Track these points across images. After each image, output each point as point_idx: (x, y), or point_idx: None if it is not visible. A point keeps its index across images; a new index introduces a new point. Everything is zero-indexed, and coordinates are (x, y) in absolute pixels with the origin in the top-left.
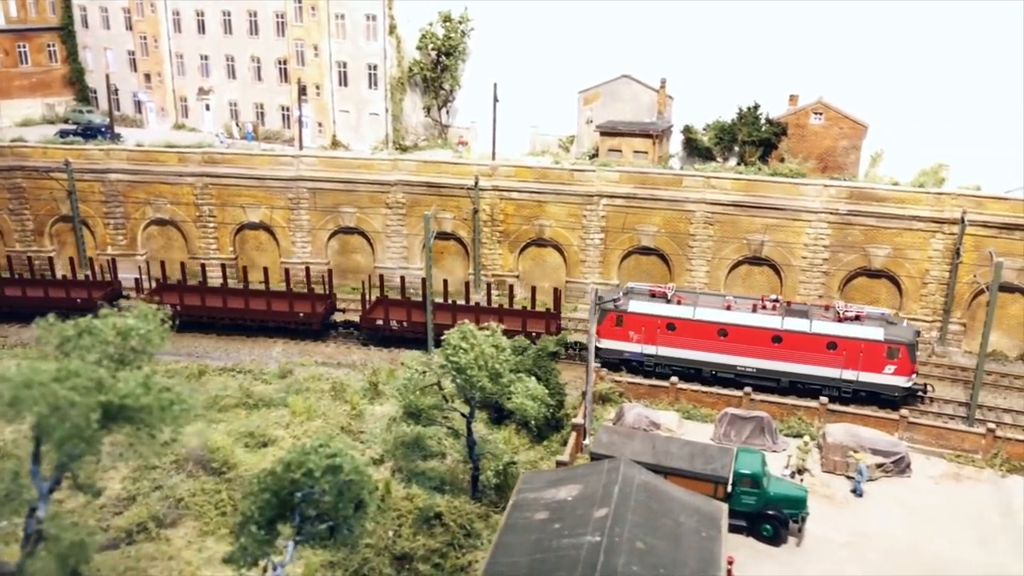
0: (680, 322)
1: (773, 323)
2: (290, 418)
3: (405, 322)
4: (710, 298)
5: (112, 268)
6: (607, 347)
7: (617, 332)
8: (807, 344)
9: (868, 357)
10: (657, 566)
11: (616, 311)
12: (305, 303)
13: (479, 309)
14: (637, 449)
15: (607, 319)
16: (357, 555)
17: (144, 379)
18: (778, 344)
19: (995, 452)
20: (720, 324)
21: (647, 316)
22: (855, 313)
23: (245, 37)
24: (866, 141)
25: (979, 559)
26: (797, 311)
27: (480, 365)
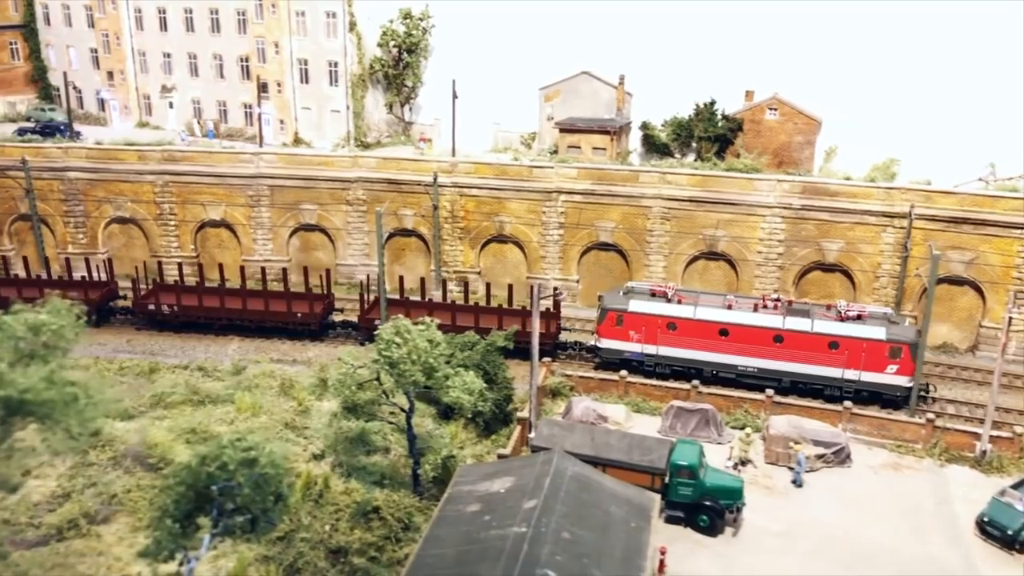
0: (681, 321)
1: (775, 322)
2: (235, 414)
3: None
4: (711, 297)
5: (108, 269)
6: (607, 347)
7: (617, 332)
8: (809, 344)
9: (870, 357)
10: (582, 556)
11: (616, 311)
12: (303, 303)
13: (478, 309)
14: (577, 441)
15: (607, 318)
16: (292, 549)
17: (48, 374)
18: (780, 344)
19: (935, 442)
20: (721, 324)
21: (648, 316)
22: (857, 312)
23: (207, 35)
24: (820, 136)
25: (911, 547)
26: (799, 310)
27: (413, 360)
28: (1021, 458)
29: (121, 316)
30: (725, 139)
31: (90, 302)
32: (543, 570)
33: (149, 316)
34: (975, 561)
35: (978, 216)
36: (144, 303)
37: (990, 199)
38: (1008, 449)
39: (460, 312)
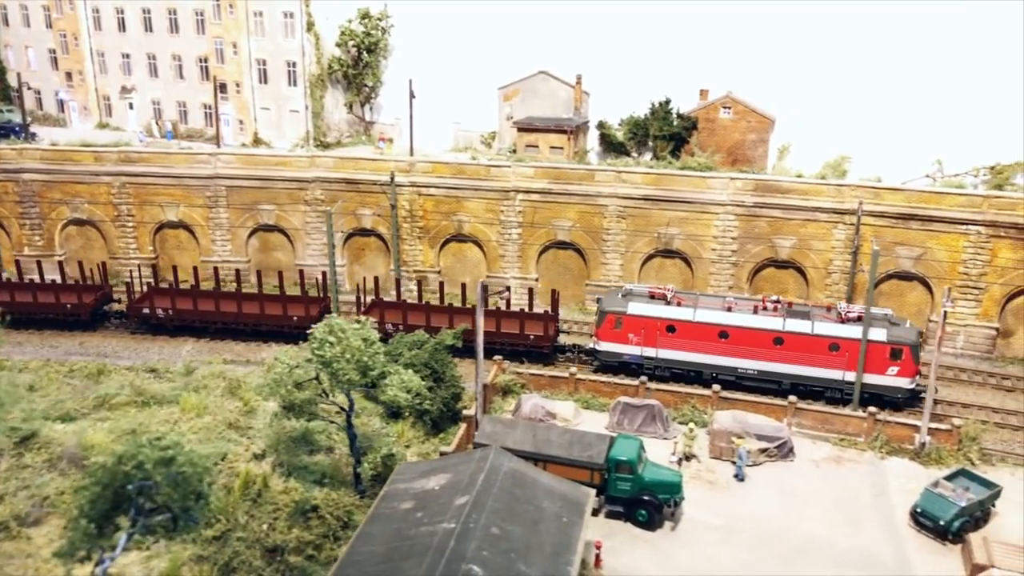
0: (680, 324)
1: (775, 325)
2: (179, 415)
3: (401, 325)
4: (710, 299)
5: (103, 272)
6: (606, 349)
7: (616, 334)
8: (809, 346)
9: (871, 358)
10: (509, 551)
11: (615, 313)
12: (299, 306)
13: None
14: (518, 438)
15: (606, 321)
16: (228, 548)
17: None
18: (780, 346)
19: (876, 435)
20: (721, 326)
21: (646, 318)
22: (857, 314)
23: (166, 35)
24: (774, 135)
25: (845, 539)
26: (799, 312)
27: (347, 359)
28: (959, 450)
29: (116, 320)
30: (680, 138)
31: (84, 306)
32: (468, 565)
33: (144, 320)
34: (907, 552)
35: (925, 212)
36: (138, 307)
37: (936, 195)
38: (947, 441)
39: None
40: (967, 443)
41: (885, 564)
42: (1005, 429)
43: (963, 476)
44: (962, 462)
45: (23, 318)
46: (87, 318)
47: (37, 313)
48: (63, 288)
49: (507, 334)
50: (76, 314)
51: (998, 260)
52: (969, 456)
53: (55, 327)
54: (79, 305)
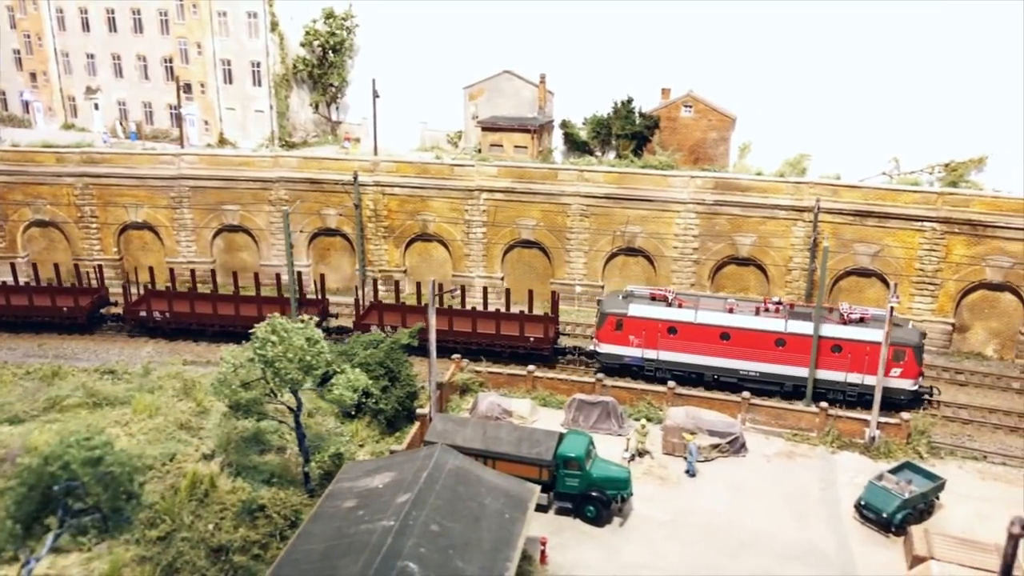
0: (682, 326)
1: (777, 326)
2: (131, 416)
3: (400, 327)
4: (712, 301)
5: (99, 274)
6: (607, 351)
7: (617, 336)
8: (811, 347)
9: (874, 360)
10: (448, 547)
11: (616, 315)
12: (297, 309)
13: (475, 314)
14: (468, 436)
15: (607, 323)
16: (171, 549)
17: None
18: (782, 348)
19: (827, 430)
20: (723, 327)
21: (648, 320)
22: (860, 315)
23: (130, 35)
24: (735, 133)
25: (791, 532)
26: (801, 314)
27: (289, 358)
28: (909, 443)
29: (113, 323)
30: (642, 136)
31: (80, 309)
32: (404, 562)
33: (140, 323)
34: (851, 544)
35: (881, 209)
36: (135, 310)
37: (892, 193)
38: (896, 435)
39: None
40: (916, 437)
41: (828, 556)
42: (955, 423)
43: (908, 469)
44: (911, 456)
45: (18, 321)
46: (84, 321)
47: (34, 316)
48: (59, 291)
49: (507, 336)
50: (73, 317)
51: (952, 256)
52: (918, 450)
53: (51, 330)
54: (76, 308)
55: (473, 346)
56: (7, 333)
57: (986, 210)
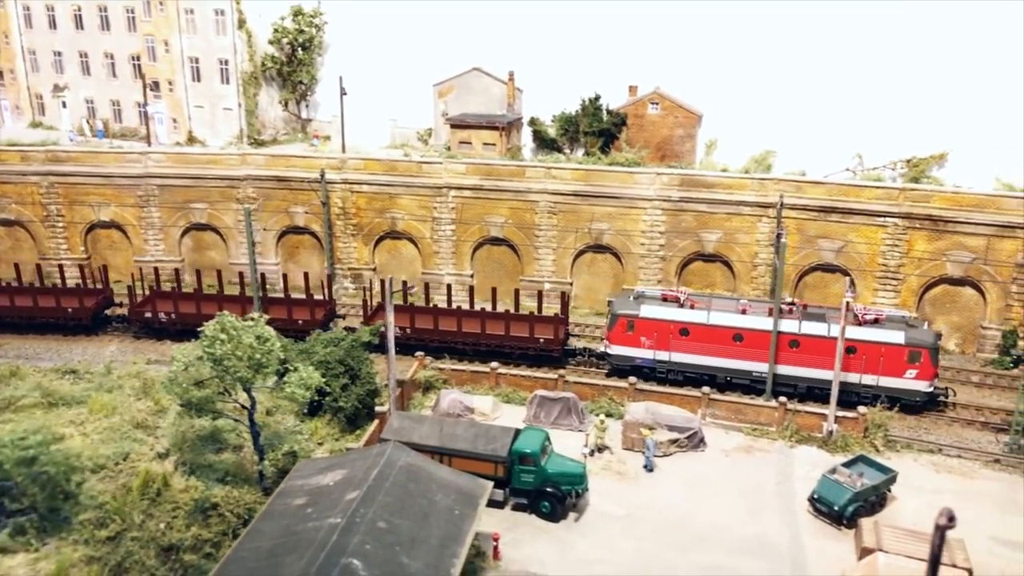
0: (694, 327)
1: (790, 327)
2: (86, 416)
3: (409, 328)
4: (724, 302)
5: (103, 275)
6: (617, 353)
7: (628, 338)
8: (826, 349)
9: (888, 361)
10: (394, 544)
11: (627, 316)
12: (303, 310)
13: (484, 314)
14: (425, 433)
15: (618, 324)
16: (120, 548)
17: None
18: (795, 349)
19: (787, 424)
20: (735, 329)
21: (659, 321)
22: (874, 316)
23: (97, 33)
24: (701, 130)
25: (744, 526)
26: (814, 314)
27: (238, 356)
28: (866, 437)
29: (118, 324)
30: (610, 134)
31: (85, 310)
32: (348, 559)
33: (146, 324)
34: (803, 537)
35: (845, 205)
36: (140, 311)
37: (855, 188)
38: (853, 428)
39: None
40: (873, 430)
41: (780, 550)
42: (913, 416)
43: (862, 462)
44: (868, 449)
45: (23, 323)
46: (88, 322)
47: (38, 318)
48: (64, 292)
49: (517, 338)
50: (78, 318)
51: (914, 251)
52: (874, 443)
53: (56, 332)
54: (80, 309)
55: (482, 347)
56: (11, 334)
57: (946, 205)
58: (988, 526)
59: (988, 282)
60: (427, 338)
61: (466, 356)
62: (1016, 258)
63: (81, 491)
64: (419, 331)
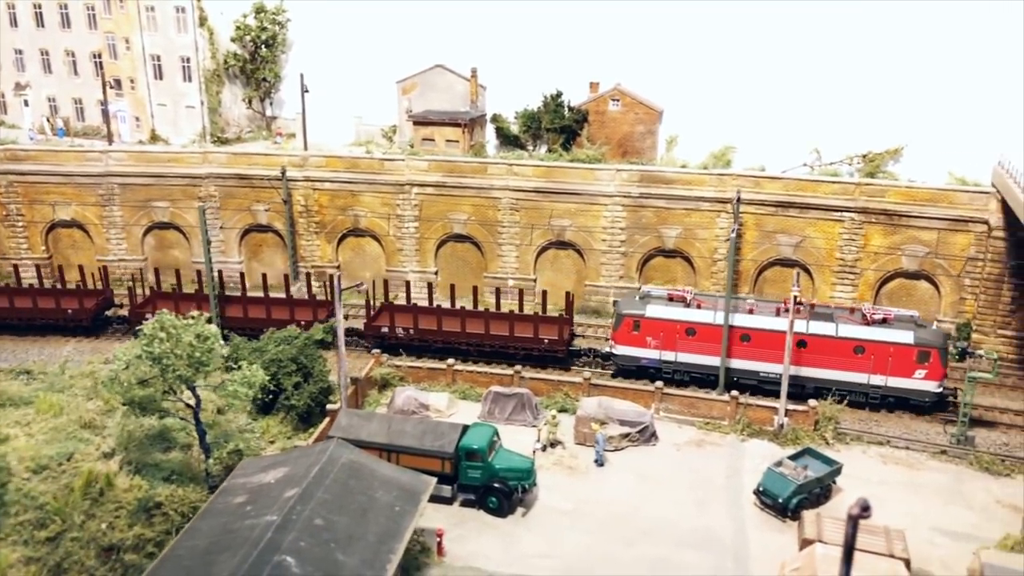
0: (701, 327)
1: (798, 327)
2: (33, 416)
3: (412, 329)
4: (733, 302)
5: (104, 276)
6: (623, 353)
7: (634, 338)
8: (833, 349)
9: (897, 361)
10: (330, 541)
11: (633, 316)
12: (306, 310)
13: (488, 315)
14: (373, 430)
15: (623, 324)
16: (60, 549)
17: None
18: (803, 349)
19: (738, 418)
20: (743, 329)
21: (666, 321)
22: (883, 316)
23: (58, 30)
24: (662, 126)
25: (691, 520)
26: (822, 314)
27: (177, 354)
28: (816, 430)
29: (118, 325)
30: (571, 130)
31: (86, 311)
32: (282, 556)
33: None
34: (747, 530)
35: (802, 200)
36: (140, 311)
37: (812, 184)
38: (804, 422)
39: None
40: (824, 423)
41: (724, 542)
42: (864, 408)
43: (808, 455)
44: (818, 442)
45: (22, 324)
46: (88, 323)
47: (38, 319)
48: (64, 293)
49: (521, 338)
50: (78, 319)
51: (871, 246)
52: (825, 436)
53: (56, 333)
54: (80, 310)
55: (486, 348)
56: (10, 336)
57: (901, 200)
58: (931, 517)
59: (942, 276)
60: (430, 339)
61: (470, 357)
62: (968, 252)
63: (6, 492)
64: (422, 332)
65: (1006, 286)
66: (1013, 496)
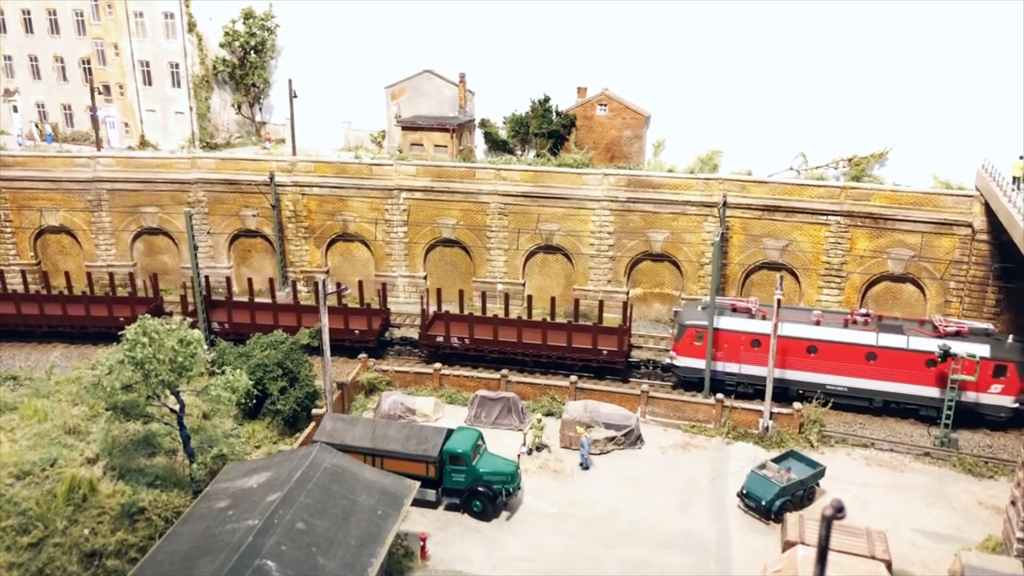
0: (766, 339)
1: (867, 339)
2: (18, 421)
3: (467, 338)
4: (797, 312)
5: (154, 284)
6: (685, 365)
7: (697, 349)
8: (904, 362)
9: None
10: (311, 544)
11: (697, 327)
12: (360, 319)
13: (545, 325)
14: (358, 435)
15: (686, 335)
16: (42, 555)
17: None
18: (872, 362)
19: (724, 421)
20: (810, 340)
21: (730, 332)
22: (956, 328)
23: (46, 36)
24: (649, 130)
25: (673, 522)
26: (891, 326)
27: (160, 359)
28: (801, 432)
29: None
30: (559, 135)
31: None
32: (262, 560)
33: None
34: (730, 532)
35: (788, 204)
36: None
37: (799, 187)
38: (788, 425)
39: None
40: (808, 426)
41: (707, 544)
42: (849, 412)
43: (792, 457)
44: (803, 444)
45: (75, 332)
46: None
47: (90, 327)
48: (115, 301)
49: (579, 349)
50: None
51: (856, 249)
52: (809, 438)
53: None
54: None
55: (543, 359)
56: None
57: (886, 203)
58: (913, 518)
59: (927, 279)
60: (486, 349)
61: (526, 368)
62: (953, 255)
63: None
64: (478, 342)
65: (990, 289)
66: (995, 498)
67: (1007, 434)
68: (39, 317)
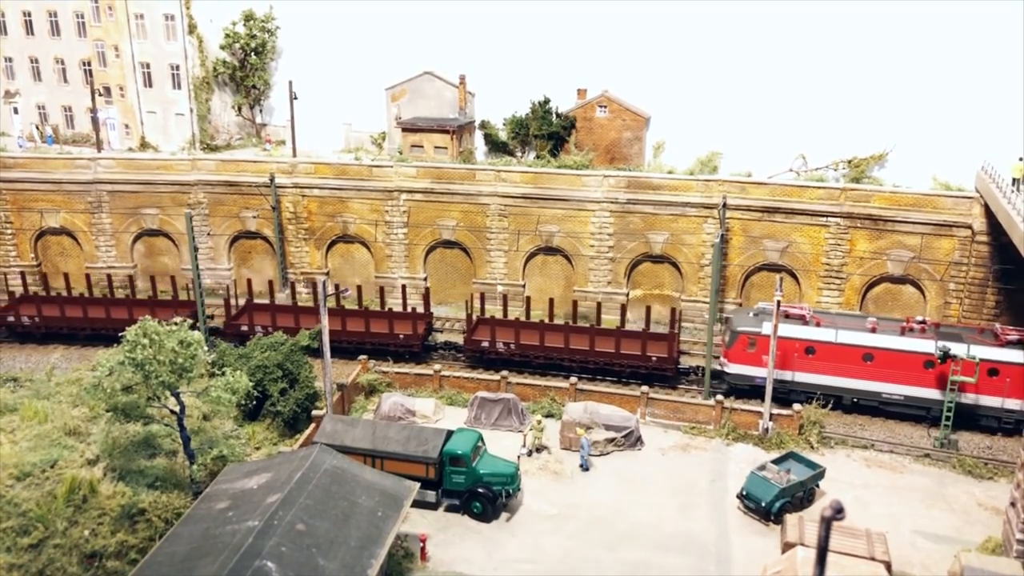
0: (821, 346)
1: (925, 347)
2: (18, 423)
3: (513, 344)
4: (851, 320)
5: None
6: (736, 372)
7: (749, 356)
8: (964, 371)
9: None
10: (312, 545)
11: (749, 334)
12: (405, 323)
13: (593, 331)
14: (358, 436)
15: (738, 342)
16: (42, 556)
17: None
18: (930, 370)
19: (724, 422)
20: (866, 348)
21: (784, 339)
22: (1017, 337)
23: (47, 38)
24: (649, 132)
25: (673, 523)
26: (949, 334)
27: (160, 361)
28: (801, 434)
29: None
30: (559, 137)
31: None
32: (262, 561)
33: (242, 338)
34: (730, 533)
35: (788, 206)
36: (236, 324)
37: (798, 189)
38: (788, 426)
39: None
40: (808, 427)
41: (707, 546)
42: (851, 413)
43: (792, 459)
44: (803, 446)
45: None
46: None
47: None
48: (158, 304)
49: (627, 355)
50: None
51: (856, 251)
52: (809, 440)
53: None
54: None
55: (590, 365)
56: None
57: (885, 205)
58: (913, 519)
59: (927, 280)
60: (532, 354)
61: (572, 374)
62: (952, 256)
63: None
64: (524, 347)
65: (990, 290)
66: (995, 499)
67: (1007, 436)
68: (82, 320)
